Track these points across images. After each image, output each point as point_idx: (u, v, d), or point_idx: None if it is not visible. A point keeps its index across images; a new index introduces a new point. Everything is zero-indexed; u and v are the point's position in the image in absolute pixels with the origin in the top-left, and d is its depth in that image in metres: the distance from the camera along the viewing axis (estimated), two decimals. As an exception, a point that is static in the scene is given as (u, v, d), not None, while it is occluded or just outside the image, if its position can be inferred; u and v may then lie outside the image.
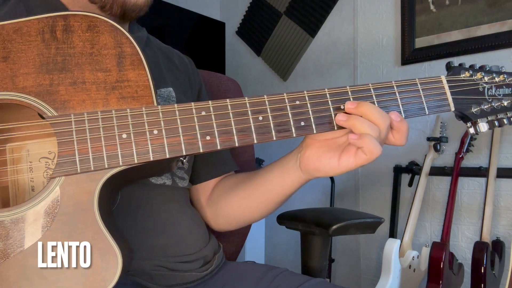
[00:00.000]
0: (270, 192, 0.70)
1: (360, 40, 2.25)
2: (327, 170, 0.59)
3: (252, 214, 0.76)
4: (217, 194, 0.80)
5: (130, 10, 0.65)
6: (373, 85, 0.58)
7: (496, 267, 1.65)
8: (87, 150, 0.49)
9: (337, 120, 0.55)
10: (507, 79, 0.62)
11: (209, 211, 0.80)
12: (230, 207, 0.77)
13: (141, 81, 0.51)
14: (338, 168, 0.58)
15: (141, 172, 0.55)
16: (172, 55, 0.82)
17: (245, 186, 0.74)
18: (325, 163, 0.59)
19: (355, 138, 0.54)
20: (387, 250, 1.63)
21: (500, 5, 1.78)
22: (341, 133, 0.59)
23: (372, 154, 0.54)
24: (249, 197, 0.73)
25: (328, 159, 0.59)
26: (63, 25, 0.50)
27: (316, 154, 0.60)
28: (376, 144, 0.53)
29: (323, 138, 0.61)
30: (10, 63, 0.49)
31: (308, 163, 0.62)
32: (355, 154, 0.56)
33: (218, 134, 0.52)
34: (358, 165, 0.56)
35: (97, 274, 0.47)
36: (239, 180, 0.78)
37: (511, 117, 0.62)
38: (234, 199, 0.76)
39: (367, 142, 0.53)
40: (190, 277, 0.70)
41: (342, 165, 0.57)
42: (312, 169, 0.61)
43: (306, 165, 0.62)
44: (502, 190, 1.78)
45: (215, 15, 2.92)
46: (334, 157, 0.58)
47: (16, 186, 0.55)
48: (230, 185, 0.79)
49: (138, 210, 0.67)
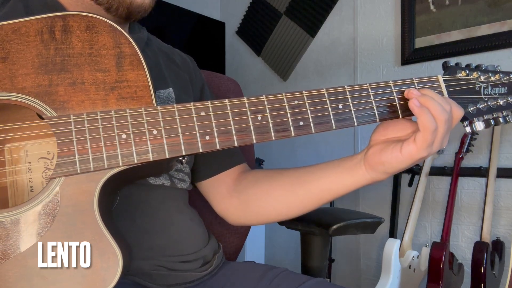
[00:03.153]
0: (323, 189, 0.69)
1: (360, 40, 2.25)
2: (391, 160, 0.59)
3: (291, 209, 0.74)
4: (246, 185, 0.77)
5: (135, 11, 0.65)
6: (370, 85, 0.58)
7: (496, 267, 1.65)
8: (86, 151, 0.49)
9: (412, 103, 0.55)
10: (502, 78, 0.62)
11: (233, 202, 0.78)
12: (267, 199, 0.74)
13: (140, 81, 0.51)
14: (401, 156, 0.57)
15: (141, 172, 0.55)
16: (173, 54, 0.82)
17: (290, 180, 0.72)
18: (387, 155, 0.59)
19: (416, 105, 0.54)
20: (387, 250, 1.63)
21: (500, 5, 1.78)
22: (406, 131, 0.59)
23: (425, 130, 0.54)
24: (295, 191, 0.71)
25: (390, 150, 0.59)
26: (62, 25, 0.50)
27: (380, 148, 0.60)
28: (431, 118, 0.54)
29: (387, 137, 0.61)
30: (9, 63, 0.49)
31: (372, 158, 0.61)
32: (414, 139, 0.56)
33: (217, 134, 0.52)
34: (420, 149, 0.55)
35: (97, 274, 0.47)
36: (278, 173, 0.75)
37: (507, 116, 0.62)
38: (275, 191, 0.73)
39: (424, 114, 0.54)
40: (189, 277, 0.70)
41: (404, 152, 0.57)
42: (377, 163, 0.61)
43: (370, 161, 0.62)
44: (502, 190, 1.77)
45: (215, 15, 2.92)
46: (396, 146, 0.58)
47: (15, 187, 0.55)
48: (264, 177, 0.76)
49: (137, 210, 0.67)
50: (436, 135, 0.55)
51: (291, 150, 2.55)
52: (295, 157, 2.52)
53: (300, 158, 2.49)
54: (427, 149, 0.56)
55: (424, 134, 0.55)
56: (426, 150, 0.56)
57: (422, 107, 0.55)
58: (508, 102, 0.61)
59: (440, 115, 0.54)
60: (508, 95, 0.62)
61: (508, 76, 0.62)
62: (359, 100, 0.57)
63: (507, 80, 0.62)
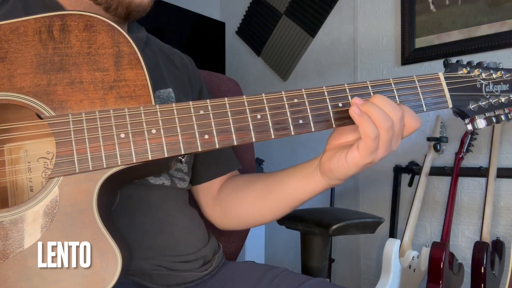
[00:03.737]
0: (288, 195, 0.70)
1: (360, 40, 2.25)
2: (338, 168, 0.59)
3: (265, 215, 0.75)
4: (226, 193, 0.79)
5: (134, 10, 0.65)
6: (371, 83, 0.58)
7: (496, 267, 1.65)
8: (85, 150, 0.48)
9: (351, 111, 0.54)
10: (504, 75, 0.62)
11: (216, 210, 0.80)
12: (242, 206, 0.76)
13: (139, 81, 0.51)
14: (346, 163, 0.57)
15: (140, 171, 0.55)
16: (173, 54, 0.82)
17: (261, 187, 0.73)
18: (335, 162, 0.59)
19: (356, 112, 0.53)
20: (387, 250, 1.63)
21: (500, 5, 1.78)
22: (356, 135, 0.59)
23: (366, 137, 0.54)
24: (264, 198, 0.73)
25: (337, 157, 0.59)
26: (60, 24, 0.50)
27: (330, 155, 0.61)
28: (371, 126, 0.53)
29: (340, 142, 0.61)
30: (8, 63, 0.49)
31: (324, 165, 0.62)
32: (358, 146, 0.56)
33: (216, 132, 0.52)
34: (363, 156, 0.55)
35: (96, 274, 0.47)
36: (252, 180, 0.77)
37: (508, 114, 0.62)
38: (247, 199, 0.75)
39: (364, 122, 0.53)
40: (189, 277, 0.70)
41: (349, 159, 0.57)
42: (327, 170, 0.61)
43: (323, 168, 0.62)
44: (502, 190, 1.77)
45: (215, 15, 2.92)
46: (342, 154, 0.58)
47: (14, 187, 0.55)
48: (241, 185, 0.78)
49: (136, 210, 0.67)
50: (379, 142, 0.55)
51: (291, 150, 2.55)
52: (295, 157, 2.52)
53: (300, 157, 2.49)
54: (371, 156, 0.55)
55: (365, 141, 0.54)
56: (370, 156, 0.55)
57: (362, 115, 0.54)
58: (510, 99, 0.61)
59: (382, 123, 0.53)
60: (509, 92, 0.61)
61: (509, 74, 0.62)
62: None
63: (509, 77, 0.62)
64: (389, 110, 0.54)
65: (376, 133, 0.54)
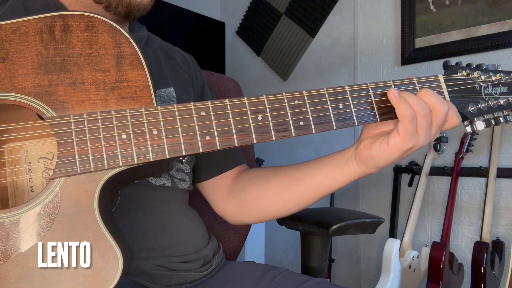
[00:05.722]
0: (317, 184, 0.69)
1: (360, 40, 2.25)
2: (380, 154, 0.59)
3: (287, 207, 0.74)
4: (243, 185, 0.78)
5: (135, 10, 0.65)
6: (371, 85, 0.58)
7: (496, 267, 1.65)
8: (87, 151, 0.48)
9: (390, 93, 0.56)
10: (503, 77, 0.62)
11: (231, 203, 0.79)
12: (264, 197, 0.75)
13: (140, 81, 0.51)
14: (388, 148, 0.58)
15: (141, 172, 0.55)
16: (174, 53, 0.82)
17: (285, 178, 0.73)
18: (376, 148, 0.59)
19: (394, 94, 0.56)
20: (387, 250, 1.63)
21: (500, 5, 1.78)
22: (392, 125, 0.60)
23: (404, 119, 0.55)
24: (290, 188, 0.72)
25: (379, 143, 0.59)
26: (62, 25, 0.50)
27: (369, 142, 0.61)
28: (407, 106, 0.55)
29: (376, 131, 0.62)
30: (9, 63, 0.49)
31: (362, 152, 0.62)
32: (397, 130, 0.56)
33: (217, 134, 0.52)
34: (404, 138, 0.56)
35: (97, 274, 0.47)
36: (274, 171, 0.76)
37: (507, 116, 0.62)
38: (270, 190, 0.74)
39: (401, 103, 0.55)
40: (190, 277, 0.70)
41: (391, 143, 0.57)
42: (367, 157, 0.61)
43: (361, 155, 0.62)
44: (502, 190, 1.78)
45: (215, 15, 2.92)
46: (384, 139, 0.58)
47: (15, 187, 0.55)
48: (261, 176, 0.77)
49: (137, 211, 0.67)
50: (417, 125, 0.56)
51: (291, 150, 2.55)
52: (295, 157, 2.52)
53: (300, 158, 2.49)
54: (412, 139, 0.56)
55: (403, 123, 0.55)
56: (411, 140, 0.56)
57: (400, 97, 0.56)
58: (509, 101, 0.61)
59: (419, 107, 0.55)
60: (508, 94, 0.62)
61: (508, 76, 0.62)
62: (359, 100, 0.57)
63: (508, 80, 0.62)
64: (434, 101, 0.56)
65: (412, 114, 0.55)
